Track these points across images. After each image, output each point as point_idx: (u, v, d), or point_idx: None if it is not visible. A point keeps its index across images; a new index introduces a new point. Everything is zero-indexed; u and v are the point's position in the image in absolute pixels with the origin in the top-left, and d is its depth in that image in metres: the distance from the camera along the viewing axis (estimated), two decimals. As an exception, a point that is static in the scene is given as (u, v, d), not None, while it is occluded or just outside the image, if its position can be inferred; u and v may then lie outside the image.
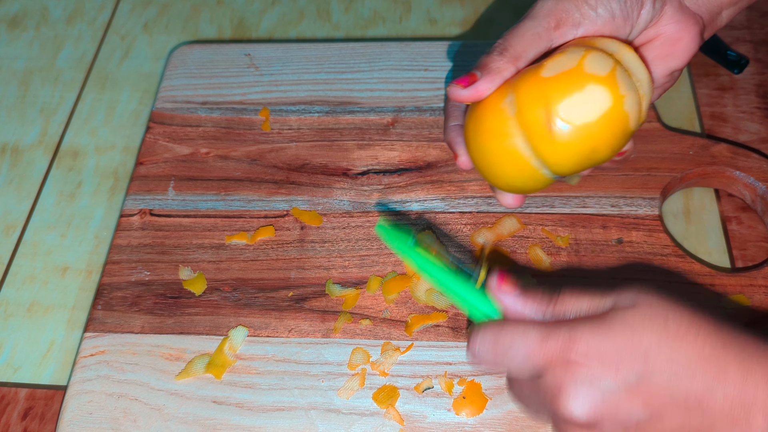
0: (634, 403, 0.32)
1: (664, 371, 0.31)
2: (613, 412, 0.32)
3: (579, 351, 0.32)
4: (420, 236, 0.39)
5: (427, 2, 0.69)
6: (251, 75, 0.61)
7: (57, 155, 0.60)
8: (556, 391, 0.33)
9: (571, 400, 0.32)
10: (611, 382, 0.31)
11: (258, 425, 0.44)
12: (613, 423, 0.32)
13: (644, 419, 0.32)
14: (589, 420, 0.32)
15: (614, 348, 0.32)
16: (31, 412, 0.48)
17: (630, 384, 0.31)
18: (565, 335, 0.33)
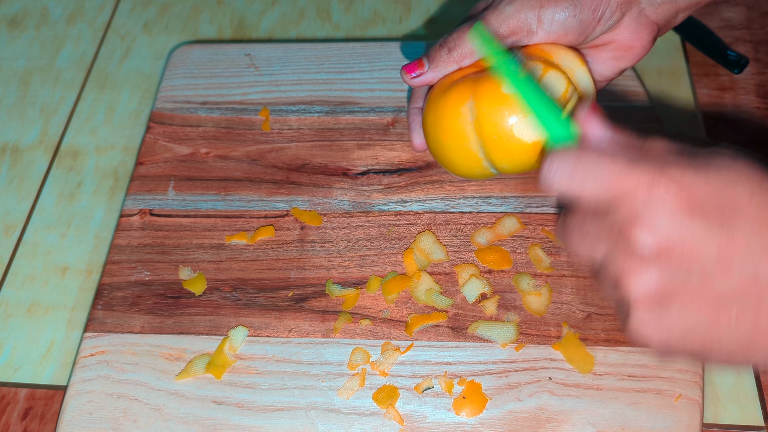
0: (709, 247, 0.30)
1: (749, 225, 0.30)
2: (685, 249, 0.30)
3: (670, 178, 0.31)
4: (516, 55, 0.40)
5: (427, 2, 0.69)
6: (251, 75, 0.61)
7: (57, 155, 0.60)
8: (632, 215, 0.31)
9: (647, 225, 0.31)
10: (694, 220, 0.30)
11: (258, 425, 0.44)
12: (680, 260, 0.31)
13: (712, 265, 0.31)
14: (658, 248, 0.31)
15: (707, 187, 0.31)
16: (31, 412, 0.48)
17: (712, 227, 0.30)
18: (656, 165, 0.31)
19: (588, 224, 0.34)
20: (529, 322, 0.46)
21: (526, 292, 0.47)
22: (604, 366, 0.44)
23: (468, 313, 0.47)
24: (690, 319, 0.32)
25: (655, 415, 0.42)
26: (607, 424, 0.42)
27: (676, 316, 0.32)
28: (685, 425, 0.42)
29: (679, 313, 0.32)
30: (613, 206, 0.32)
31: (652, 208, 0.31)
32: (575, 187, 0.33)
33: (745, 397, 0.45)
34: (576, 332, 0.46)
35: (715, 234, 0.30)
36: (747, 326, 0.31)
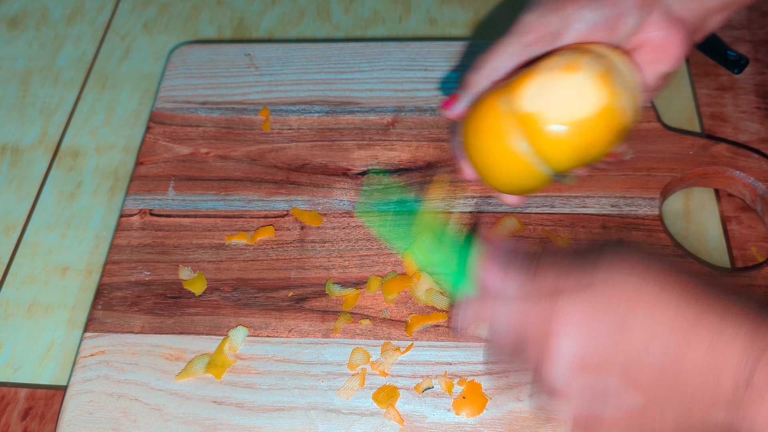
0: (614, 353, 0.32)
1: (638, 335, 0.32)
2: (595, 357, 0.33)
3: (559, 320, 0.33)
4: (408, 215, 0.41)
5: (427, 2, 0.69)
6: (251, 75, 0.61)
7: (57, 155, 0.60)
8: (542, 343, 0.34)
9: (554, 348, 0.33)
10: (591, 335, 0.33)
11: (258, 425, 0.44)
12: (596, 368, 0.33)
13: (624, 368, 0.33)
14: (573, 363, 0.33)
15: (594, 313, 0.33)
16: (31, 412, 0.48)
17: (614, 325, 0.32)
18: (548, 303, 0.34)
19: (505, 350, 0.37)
20: (529, 322, 0.46)
21: (526, 292, 0.47)
22: (604, 366, 0.44)
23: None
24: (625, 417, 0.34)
25: (655, 415, 0.42)
26: (607, 424, 0.42)
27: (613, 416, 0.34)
28: (685, 425, 0.42)
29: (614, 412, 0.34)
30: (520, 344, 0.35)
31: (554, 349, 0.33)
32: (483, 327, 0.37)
33: (745, 397, 0.45)
34: (576, 332, 0.46)
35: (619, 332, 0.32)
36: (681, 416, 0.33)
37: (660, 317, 0.32)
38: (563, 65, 0.39)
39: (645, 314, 0.32)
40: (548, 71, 0.39)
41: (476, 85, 0.44)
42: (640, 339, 0.32)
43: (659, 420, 0.33)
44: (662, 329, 0.32)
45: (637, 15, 0.42)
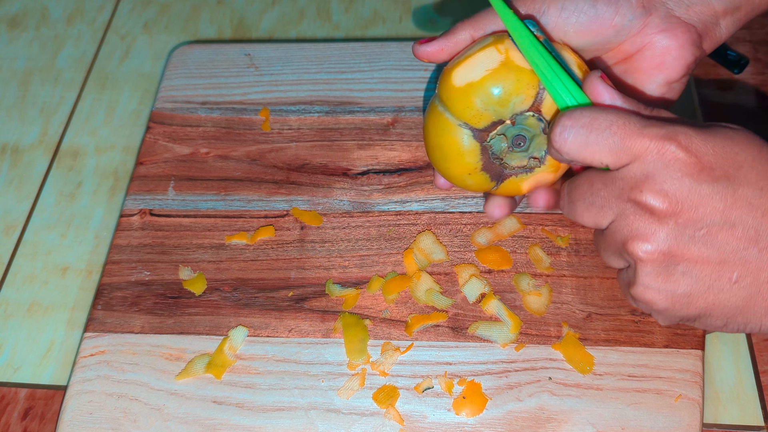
0: (715, 207, 0.32)
1: (752, 185, 0.32)
2: (692, 210, 0.32)
3: (680, 143, 0.32)
4: None
5: (427, 2, 0.69)
6: (251, 75, 0.61)
7: (57, 155, 0.61)
8: (641, 177, 0.33)
9: (657, 186, 0.32)
10: (701, 181, 0.32)
11: (258, 425, 0.44)
12: (687, 221, 0.32)
13: (717, 224, 0.32)
14: (667, 210, 0.32)
15: (713, 150, 0.32)
16: (31, 412, 0.48)
17: (718, 188, 0.32)
18: (666, 127, 0.33)
19: (596, 188, 0.35)
20: (529, 322, 0.46)
21: (526, 292, 0.47)
22: (604, 366, 0.44)
23: (468, 313, 0.47)
24: (694, 281, 0.33)
25: (655, 415, 0.42)
26: (607, 424, 0.42)
27: (681, 278, 0.34)
28: (685, 425, 0.42)
29: (684, 275, 0.33)
30: (622, 170, 0.33)
31: (661, 171, 0.32)
32: (586, 149, 0.34)
33: (745, 397, 0.45)
34: (576, 332, 0.46)
35: (721, 196, 0.32)
36: (747, 288, 0.33)
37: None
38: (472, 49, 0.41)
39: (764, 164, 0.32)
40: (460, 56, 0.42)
41: (456, 32, 0.42)
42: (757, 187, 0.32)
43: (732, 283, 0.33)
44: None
45: (634, 13, 0.40)
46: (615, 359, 0.45)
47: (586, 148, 0.34)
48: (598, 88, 0.36)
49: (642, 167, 0.33)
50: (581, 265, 0.48)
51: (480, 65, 0.40)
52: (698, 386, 0.43)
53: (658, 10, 0.41)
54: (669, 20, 0.41)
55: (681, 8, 0.41)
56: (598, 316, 0.46)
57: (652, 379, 0.44)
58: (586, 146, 0.34)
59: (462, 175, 0.43)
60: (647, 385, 0.43)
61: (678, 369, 0.44)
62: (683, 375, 0.44)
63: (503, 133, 0.41)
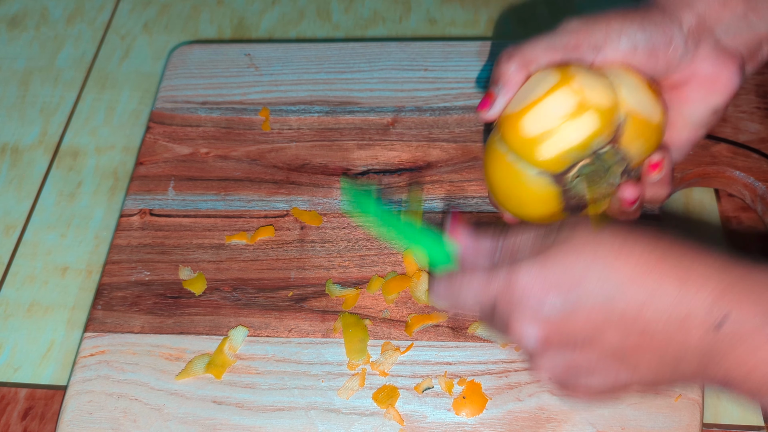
0: (574, 326, 0.33)
1: (597, 290, 0.33)
2: (557, 336, 0.34)
3: (518, 285, 0.34)
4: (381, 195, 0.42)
5: (427, 2, 0.69)
6: (251, 75, 0.61)
7: (57, 155, 0.61)
8: (506, 323, 0.35)
9: (519, 331, 0.35)
10: (550, 309, 0.34)
11: (258, 425, 0.44)
12: (560, 346, 0.34)
13: (586, 339, 0.34)
14: (538, 346, 0.34)
15: (550, 277, 0.34)
16: (31, 412, 0.48)
17: (568, 308, 0.33)
18: (505, 273, 0.35)
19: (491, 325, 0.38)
20: (529, 322, 0.46)
21: (526, 292, 0.47)
22: (604, 366, 0.44)
23: (468, 313, 0.47)
24: (600, 382, 0.35)
25: (655, 415, 0.42)
26: (607, 424, 0.42)
27: (587, 384, 0.35)
28: (685, 425, 0.42)
29: (589, 381, 0.35)
30: (495, 313, 0.36)
31: (516, 314, 0.35)
32: (461, 306, 0.38)
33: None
34: (576, 332, 0.46)
35: (577, 308, 0.33)
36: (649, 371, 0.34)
37: (621, 268, 0.33)
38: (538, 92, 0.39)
39: (604, 268, 0.33)
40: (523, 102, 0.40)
41: (510, 76, 0.41)
42: (600, 295, 0.33)
43: (633, 374, 0.34)
44: (624, 281, 0.33)
45: (686, 45, 0.40)
46: (615, 359, 0.44)
47: (459, 305, 0.38)
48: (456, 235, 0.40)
49: (504, 311, 0.35)
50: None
51: (553, 110, 0.38)
52: (698, 386, 0.43)
53: (707, 40, 0.41)
54: (718, 51, 0.41)
55: (728, 37, 0.41)
56: (598, 316, 0.46)
57: (652, 379, 0.44)
58: (459, 304, 0.38)
59: (542, 219, 0.42)
60: (647, 385, 0.43)
61: (678, 369, 0.44)
62: (683, 375, 0.44)
63: (583, 173, 0.40)
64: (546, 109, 0.38)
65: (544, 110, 0.38)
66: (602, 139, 0.39)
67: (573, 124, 0.38)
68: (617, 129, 0.39)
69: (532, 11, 0.67)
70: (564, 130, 0.38)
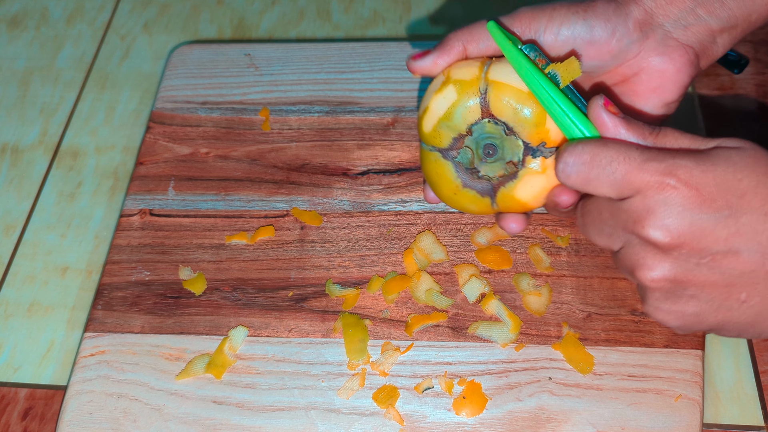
0: (718, 237, 0.32)
1: (756, 212, 0.32)
2: (695, 241, 0.33)
3: (679, 177, 0.32)
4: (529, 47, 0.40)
5: (427, 2, 0.69)
6: (251, 75, 0.61)
7: (57, 155, 0.61)
8: (644, 212, 0.33)
9: (659, 221, 0.33)
10: (703, 213, 0.32)
11: (258, 425, 0.44)
12: (692, 252, 0.33)
13: (721, 252, 0.33)
14: (670, 243, 0.33)
15: (714, 181, 0.32)
16: (31, 412, 0.48)
17: (720, 218, 0.32)
18: (668, 160, 0.33)
19: (604, 217, 0.36)
20: (529, 322, 0.46)
21: (526, 292, 0.47)
22: (604, 366, 0.44)
23: (468, 313, 0.47)
24: (702, 303, 0.34)
25: (655, 415, 0.42)
26: (607, 424, 0.42)
27: (689, 301, 0.34)
28: (685, 425, 0.42)
29: (692, 298, 0.34)
30: (626, 203, 0.34)
31: (662, 206, 0.33)
32: (589, 184, 0.35)
33: (745, 397, 0.45)
34: (576, 332, 0.46)
35: (723, 225, 0.32)
36: (756, 306, 0.33)
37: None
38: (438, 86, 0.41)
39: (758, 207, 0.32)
40: None
41: (451, 45, 0.41)
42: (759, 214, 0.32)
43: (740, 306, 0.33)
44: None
45: (631, 37, 0.40)
46: (615, 359, 0.45)
47: (589, 183, 0.35)
48: (602, 117, 0.36)
49: (644, 202, 0.33)
50: (581, 265, 0.48)
51: (429, 91, 0.42)
52: (698, 386, 0.43)
53: (656, 32, 0.40)
54: (666, 43, 0.41)
55: (678, 30, 0.41)
56: (598, 316, 0.46)
57: (652, 379, 0.44)
58: (589, 181, 0.35)
59: (449, 196, 0.43)
60: (647, 385, 0.43)
61: (678, 369, 0.44)
62: (683, 375, 0.44)
63: (468, 146, 0.42)
64: (427, 92, 0.42)
65: (427, 94, 0.42)
66: (470, 111, 0.41)
67: (437, 98, 0.41)
68: (481, 101, 0.40)
69: (532, 11, 0.67)
70: (432, 104, 0.41)
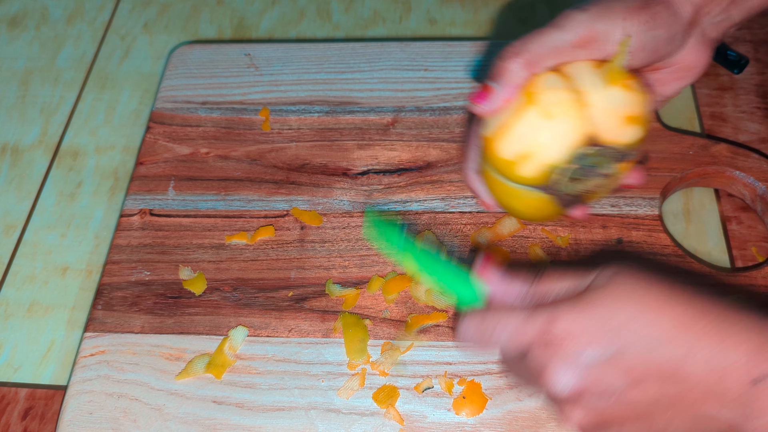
0: (613, 375, 0.33)
1: (639, 342, 0.32)
2: (594, 385, 0.33)
3: (558, 330, 0.33)
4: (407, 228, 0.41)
5: (427, 2, 0.69)
6: (251, 75, 0.61)
7: (57, 155, 0.61)
8: (540, 369, 0.34)
9: (554, 378, 0.34)
10: (590, 357, 0.33)
11: (258, 425, 0.44)
12: (596, 395, 0.33)
13: (624, 389, 0.33)
14: (572, 394, 0.34)
15: (592, 324, 0.33)
16: (31, 412, 0.48)
17: (607, 357, 0.33)
18: (545, 316, 0.34)
19: (515, 370, 0.37)
20: (529, 322, 0.46)
21: (526, 292, 0.47)
22: (604, 366, 0.44)
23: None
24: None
25: (655, 415, 0.42)
26: (607, 424, 0.42)
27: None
28: (685, 425, 0.42)
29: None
30: (526, 358, 0.35)
31: (552, 361, 0.34)
32: (487, 347, 0.37)
33: (745, 397, 0.45)
34: (576, 332, 0.46)
35: (615, 361, 0.33)
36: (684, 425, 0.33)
37: (663, 322, 0.32)
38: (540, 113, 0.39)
39: (647, 320, 0.33)
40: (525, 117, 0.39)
41: (513, 75, 0.39)
42: (642, 346, 0.32)
43: (666, 424, 0.33)
44: (665, 334, 0.32)
45: (682, 40, 0.41)
46: (615, 359, 0.44)
47: (486, 346, 0.37)
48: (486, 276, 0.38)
49: (538, 359, 0.34)
50: (581, 265, 0.48)
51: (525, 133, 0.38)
52: None
53: (696, 31, 0.42)
54: (702, 41, 0.43)
55: (710, 27, 0.43)
56: (598, 316, 0.46)
57: (652, 379, 0.44)
58: (485, 345, 0.37)
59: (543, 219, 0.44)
60: (647, 385, 0.43)
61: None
62: (683, 375, 0.44)
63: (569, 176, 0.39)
64: (517, 132, 0.39)
65: (516, 134, 0.39)
66: (579, 146, 0.38)
67: (545, 143, 0.38)
68: (592, 134, 0.38)
69: (532, 11, 0.67)
70: (538, 149, 0.38)
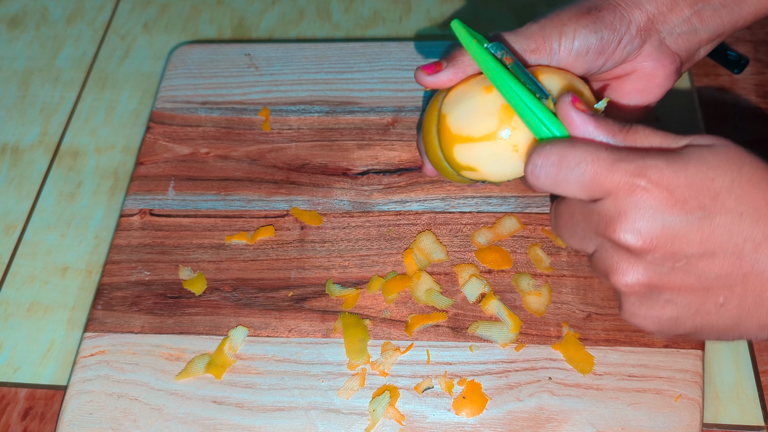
0: (691, 239, 0.31)
1: (730, 212, 0.31)
2: (667, 244, 0.32)
3: (650, 179, 0.31)
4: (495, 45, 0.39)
5: (427, 2, 0.69)
6: (251, 75, 0.61)
7: (57, 155, 0.61)
8: (615, 215, 0.32)
9: (630, 225, 0.32)
10: (675, 215, 0.31)
11: (258, 425, 0.44)
12: (665, 255, 0.32)
13: (696, 255, 0.32)
14: (642, 247, 0.32)
15: (686, 182, 0.31)
16: (31, 412, 0.48)
17: (693, 220, 0.31)
18: (638, 161, 0.32)
19: (576, 219, 0.35)
20: (529, 322, 0.46)
21: (526, 292, 0.47)
22: (604, 366, 0.44)
23: (468, 313, 0.47)
24: (679, 307, 0.33)
25: (655, 415, 0.42)
26: (607, 424, 0.42)
27: (666, 305, 0.33)
28: (685, 425, 0.42)
29: (668, 304, 0.33)
30: (597, 205, 0.33)
31: (633, 209, 0.32)
32: (558, 186, 0.34)
33: (745, 397, 0.45)
34: (576, 332, 0.46)
35: (697, 227, 0.31)
36: (735, 310, 0.33)
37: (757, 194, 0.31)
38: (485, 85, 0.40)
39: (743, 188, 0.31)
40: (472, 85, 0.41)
41: (463, 61, 0.41)
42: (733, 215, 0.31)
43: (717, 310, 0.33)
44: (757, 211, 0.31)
45: (633, 43, 0.41)
46: (615, 359, 0.45)
47: (558, 185, 0.34)
48: (570, 115, 0.35)
49: (614, 204, 0.32)
50: (581, 265, 0.48)
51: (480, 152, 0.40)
52: (698, 386, 0.43)
53: (652, 38, 0.42)
54: (660, 49, 0.42)
55: (671, 38, 0.42)
56: (598, 316, 0.46)
57: (652, 379, 0.44)
58: (558, 183, 0.34)
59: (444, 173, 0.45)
60: (647, 385, 0.43)
61: (678, 369, 0.44)
62: (683, 375, 0.44)
63: None
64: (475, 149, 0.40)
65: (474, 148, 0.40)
66: None
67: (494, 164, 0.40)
68: None
69: (532, 11, 0.67)
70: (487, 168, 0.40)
